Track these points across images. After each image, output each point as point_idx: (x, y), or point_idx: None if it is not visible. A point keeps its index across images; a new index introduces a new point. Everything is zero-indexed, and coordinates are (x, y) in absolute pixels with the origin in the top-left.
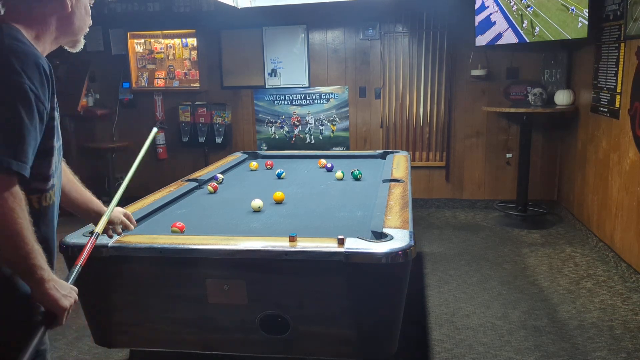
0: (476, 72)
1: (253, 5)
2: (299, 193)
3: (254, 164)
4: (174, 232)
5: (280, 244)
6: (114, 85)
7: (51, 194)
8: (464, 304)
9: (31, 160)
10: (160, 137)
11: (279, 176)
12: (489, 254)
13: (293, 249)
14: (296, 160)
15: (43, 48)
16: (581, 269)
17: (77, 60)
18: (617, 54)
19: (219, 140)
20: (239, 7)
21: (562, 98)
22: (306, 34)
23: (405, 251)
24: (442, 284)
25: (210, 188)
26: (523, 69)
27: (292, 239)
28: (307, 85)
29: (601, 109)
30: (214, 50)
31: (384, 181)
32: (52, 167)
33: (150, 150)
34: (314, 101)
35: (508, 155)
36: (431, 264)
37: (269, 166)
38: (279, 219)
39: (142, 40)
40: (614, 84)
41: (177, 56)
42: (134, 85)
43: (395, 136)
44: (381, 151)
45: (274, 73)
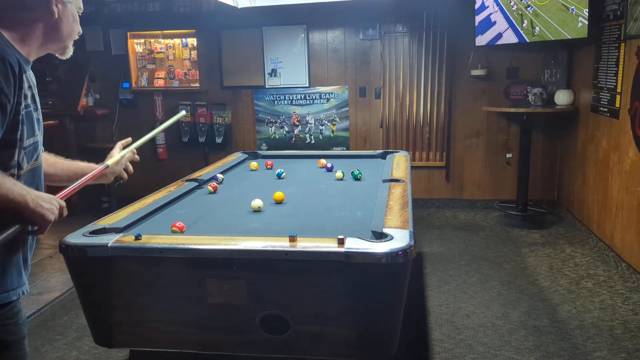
0: (476, 72)
1: (253, 5)
2: (299, 193)
3: (254, 164)
4: (174, 232)
5: (281, 244)
6: (114, 85)
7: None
8: (464, 304)
9: None
10: (160, 137)
11: (279, 176)
12: (489, 254)
13: (293, 249)
14: (296, 160)
15: (29, 51)
16: (581, 268)
17: (77, 60)
18: (617, 53)
19: (219, 140)
20: (239, 7)
21: (562, 98)
22: (306, 34)
23: (405, 251)
24: (442, 283)
25: (210, 188)
26: (523, 68)
27: (292, 239)
28: (307, 85)
29: (601, 108)
30: (214, 50)
31: (384, 181)
32: (14, 159)
33: (150, 150)
34: (314, 101)
35: (508, 155)
36: (431, 264)
37: (269, 166)
38: (279, 219)
39: (142, 40)
40: (614, 83)
41: (177, 56)
42: (134, 85)
43: (395, 136)
44: (381, 151)
45: (274, 73)
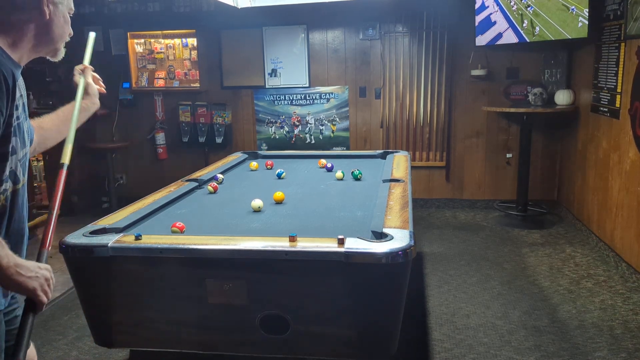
0: (476, 72)
1: (253, 5)
2: (299, 193)
3: (254, 164)
4: (174, 232)
5: (281, 244)
6: (114, 85)
7: (1, 198)
8: (464, 304)
9: None
10: (161, 137)
11: (279, 176)
12: (489, 254)
13: (293, 249)
14: (296, 160)
15: (20, 56)
16: (581, 268)
17: (78, 60)
18: (617, 53)
19: (219, 140)
20: (239, 7)
21: (562, 98)
22: (306, 34)
23: (405, 251)
24: (442, 283)
25: (210, 188)
26: (523, 68)
27: (292, 239)
28: (307, 85)
29: (601, 108)
30: (214, 50)
31: (384, 181)
32: (5, 173)
33: (150, 150)
34: (314, 101)
35: (508, 155)
36: (431, 264)
37: (269, 166)
38: (279, 219)
39: (142, 40)
40: (614, 83)
41: (177, 56)
42: (134, 85)
43: (396, 136)
44: (381, 151)
45: (274, 73)
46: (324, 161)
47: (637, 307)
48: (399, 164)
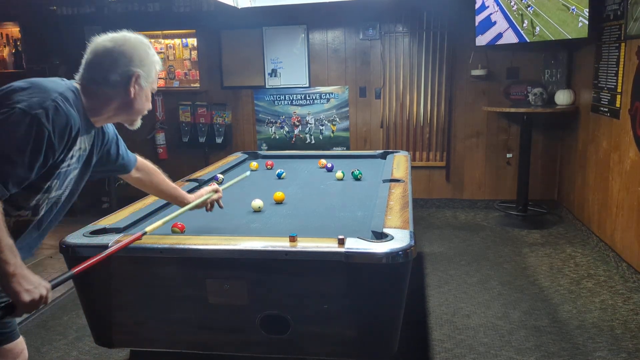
0: (476, 72)
1: (253, 5)
2: (299, 193)
3: (254, 164)
4: (174, 232)
5: (281, 244)
6: None
7: (13, 221)
8: (465, 304)
9: (12, 185)
10: (161, 137)
11: (279, 176)
12: (489, 254)
13: (293, 249)
14: (296, 161)
15: (97, 119)
16: (582, 268)
17: (78, 60)
18: (617, 53)
19: (219, 140)
20: (239, 7)
21: (563, 98)
22: (306, 34)
23: (405, 251)
24: (442, 283)
25: None
26: (523, 68)
27: (293, 239)
28: (307, 85)
29: (602, 108)
30: (214, 50)
31: (384, 181)
32: (30, 203)
33: (151, 151)
34: (314, 101)
35: (508, 155)
36: (431, 264)
37: (269, 166)
38: (279, 219)
39: None
40: (615, 83)
41: (177, 56)
42: None
43: (396, 136)
44: (381, 151)
45: (274, 73)
46: (324, 161)
47: (637, 307)
48: (399, 164)
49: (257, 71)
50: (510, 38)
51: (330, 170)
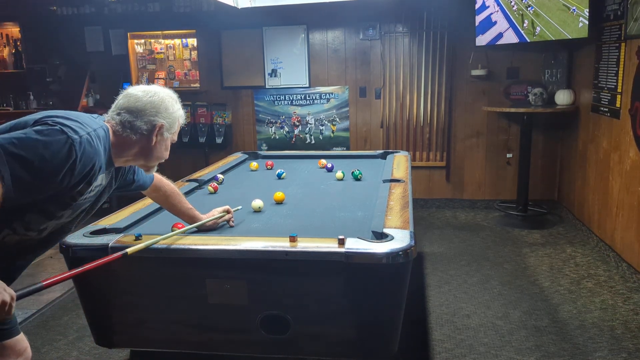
0: (476, 72)
1: (253, 5)
2: (300, 193)
3: (254, 164)
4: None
5: (281, 244)
6: (114, 85)
7: (17, 239)
8: (465, 304)
9: (18, 191)
10: None
11: (279, 176)
12: (490, 254)
13: (293, 249)
14: (296, 161)
15: (117, 159)
16: (582, 268)
17: (78, 60)
18: (617, 53)
19: (219, 140)
20: (239, 7)
21: (563, 98)
22: (306, 34)
23: (405, 251)
24: (442, 284)
25: (210, 188)
26: (523, 68)
27: (293, 239)
28: (307, 86)
29: (602, 108)
30: (214, 50)
31: (385, 181)
32: (41, 226)
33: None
34: (314, 101)
35: (508, 155)
36: (431, 264)
37: (269, 166)
38: (280, 219)
39: (142, 41)
40: (615, 83)
41: (177, 56)
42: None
43: (396, 136)
44: (381, 151)
45: (274, 73)
46: (324, 161)
47: (637, 307)
48: (399, 164)
49: (257, 71)
50: (510, 38)
51: (330, 170)
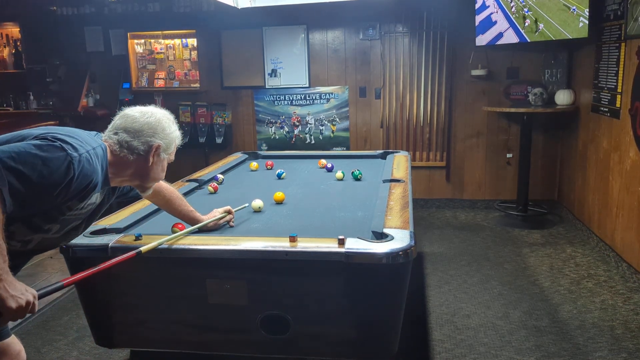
0: (476, 72)
1: (253, 6)
2: (300, 193)
3: (254, 164)
4: (174, 232)
5: (281, 244)
6: (114, 85)
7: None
8: (465, 304)
9: (14, 203)
10: None
11: (279, 176)
12: (490, 254)
13: (293, 249)
14: (296, 161)
15: (113, 178)
16: (582, 269)
17: (78, 60)
18: (617, 53)
19: (219, 140)
20: (239, 7)
21: (563, 98)
22: (306, 34)
23: (405, 251)
24: (442, 284)
25: (210, 188)
26: (523, 68)
27: (293, 239)
28: (307, 86)
29: (602, 108)
30: (214, 50)
31: (385, 181)
32: (25, 237)
33: None
34: (314, 101)
35: (508, 155)
36: (432, 264)
37: (269, 166)
38: (280, 219)
39: (142, 41)
40: (615, 83)
41: (177, 56)
42: (134, 85)
43: (396, 136)
44: (381, 151)
45: (274, 73)
46: (324, 161)
47: (637, 307)
48: (399, 164)
49: (257, 71)
50: (510, 38)
51: (330, 170)
